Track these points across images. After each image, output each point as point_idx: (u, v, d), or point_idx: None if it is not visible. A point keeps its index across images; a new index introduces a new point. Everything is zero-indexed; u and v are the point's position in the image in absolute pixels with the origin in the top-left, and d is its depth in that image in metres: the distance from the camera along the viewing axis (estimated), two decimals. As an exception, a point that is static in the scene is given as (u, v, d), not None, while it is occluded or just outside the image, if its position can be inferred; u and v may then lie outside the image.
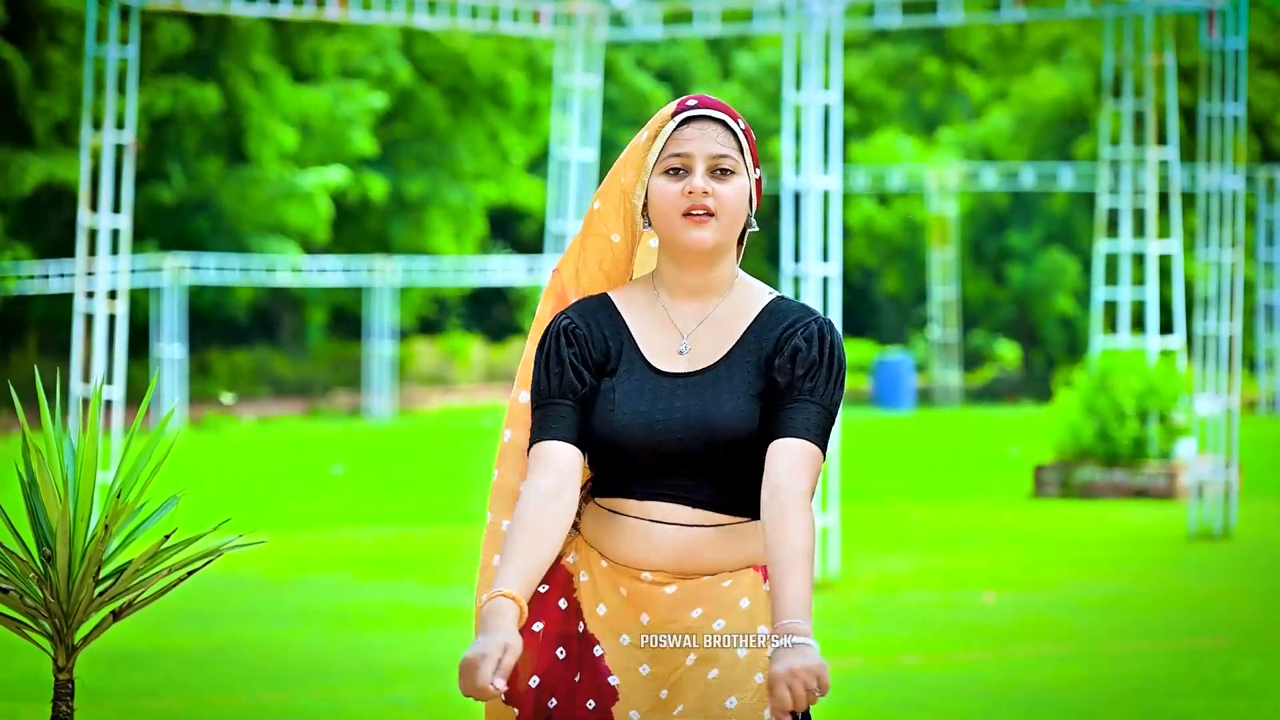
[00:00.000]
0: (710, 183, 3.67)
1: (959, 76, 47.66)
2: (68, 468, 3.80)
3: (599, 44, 17.18)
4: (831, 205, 13.47)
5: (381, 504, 19.00)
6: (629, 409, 3.67)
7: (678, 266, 3.72)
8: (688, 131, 3.69)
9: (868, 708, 8.62)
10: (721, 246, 3.70)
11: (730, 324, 3.72)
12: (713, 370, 3.69)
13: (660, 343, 3.73)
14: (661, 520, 3.67)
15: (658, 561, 3.67)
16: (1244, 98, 15.98)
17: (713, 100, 3.73)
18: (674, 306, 3.73)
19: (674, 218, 3.67)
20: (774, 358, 3.68)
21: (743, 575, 3.70)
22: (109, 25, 15.61)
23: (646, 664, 3.68)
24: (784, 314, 3.72)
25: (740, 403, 3.66)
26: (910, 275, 47.07)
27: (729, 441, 3.65)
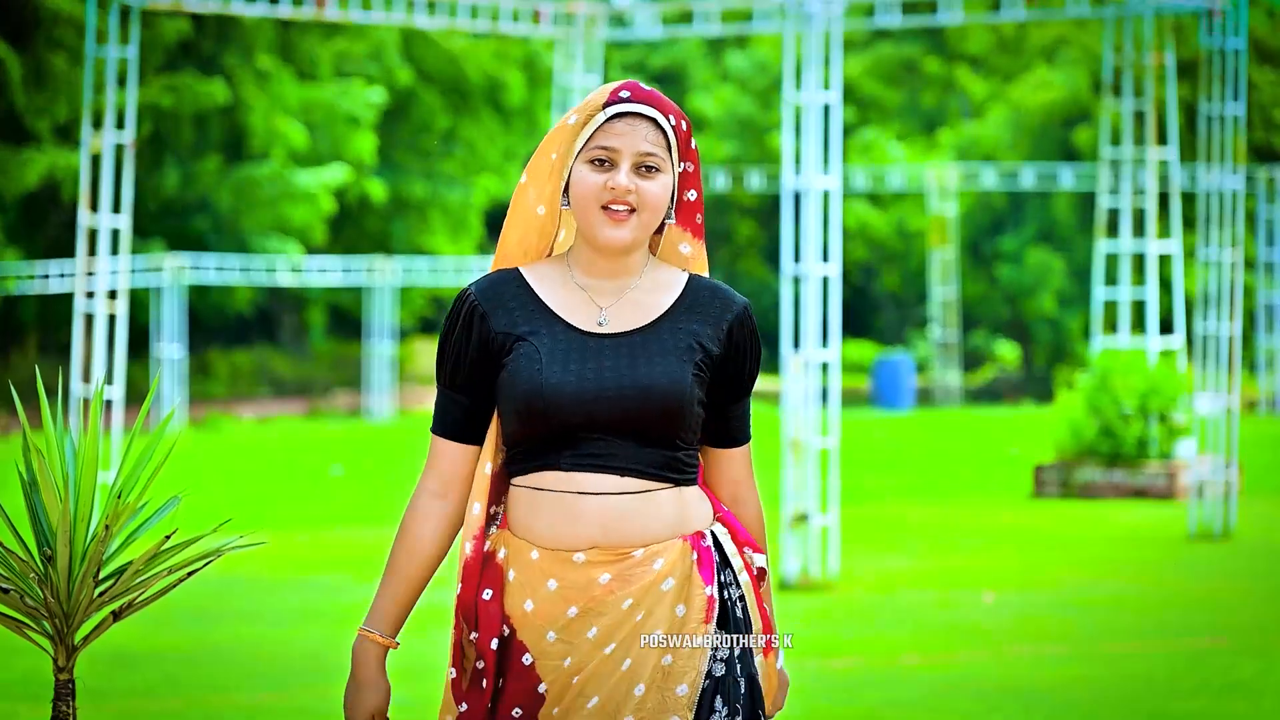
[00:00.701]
0: (634, 179, 3.67)
1: (959, 76, 47.66)
2: (68, 468, 3.80)
3: (599, 44, 17.18)
4: (831, 205, 13.47)
5: (381, 504, 19.00)
6: (558, 369, 3.64)
7: (592, 251, 3.72)
8: (618, 126, 3.68)
9: (868, 708, 8.62)
10: (637, 242, 3.71)
11: (651, 299, 3.74)
12: (641, 333, 3.69)
13: (579, 311, 3.72)
14: (586, 491, 3.64)
15: (586, 536, 3.64)
16: (1244, 97, 15.98)
17: (645, 92, 3.71)
18: (590, 285, 3.73)
19: (593, 210, 3.67)
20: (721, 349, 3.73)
21: (672, 548, 3.67)
22: (109, 25, 15.61)
23: (569, 656, 3.66)
24: (713, 293, 3.76)
25: (673, 364, 3.66)
26: (910, 275, 47.08)
27: (662, 403, 3.64)
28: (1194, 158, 27.92)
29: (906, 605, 12.11)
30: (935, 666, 9.89)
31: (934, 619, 11.49)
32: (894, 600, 12.34)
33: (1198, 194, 16.92)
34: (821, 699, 8.66)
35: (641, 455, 3.66)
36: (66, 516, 3.73)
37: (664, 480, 3.68)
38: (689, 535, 3.70)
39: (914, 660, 10.04)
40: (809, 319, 13.27)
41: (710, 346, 3.71)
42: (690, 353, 3.68)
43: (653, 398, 3.64)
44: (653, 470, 3.67)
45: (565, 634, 3.66)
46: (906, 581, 13.19)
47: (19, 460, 3.84)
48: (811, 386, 13.25)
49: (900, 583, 13.12)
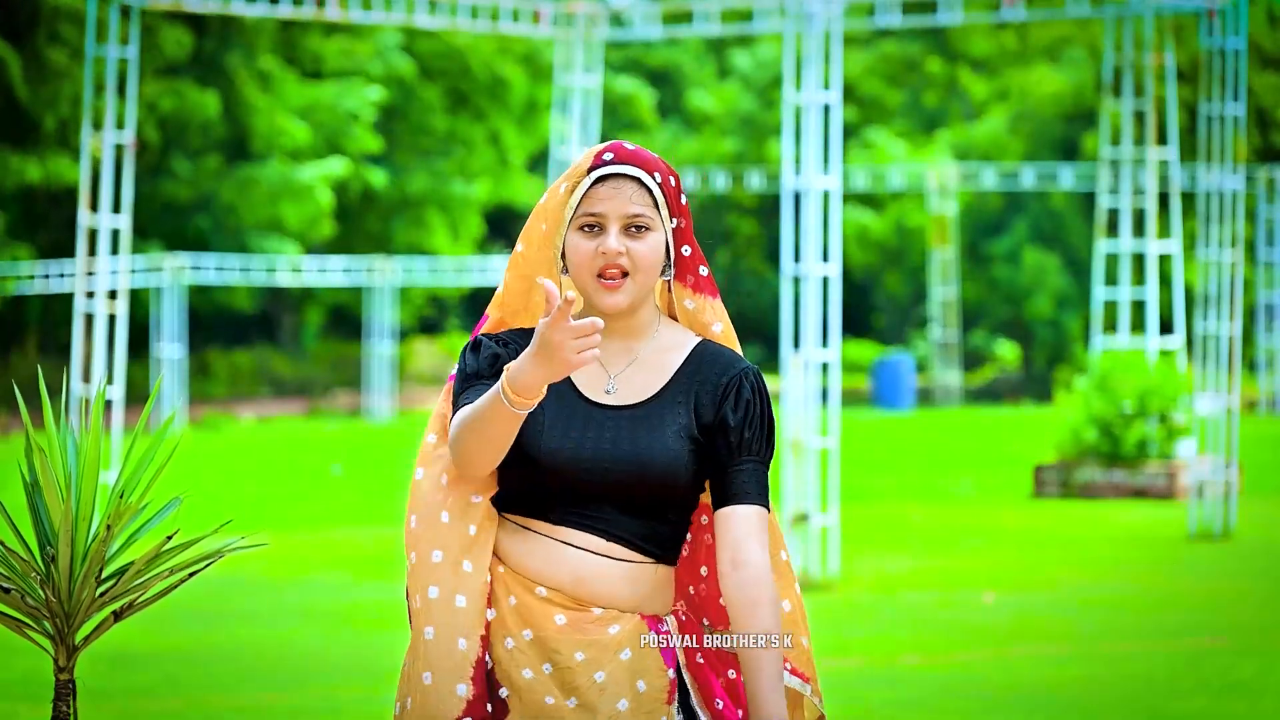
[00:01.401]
0: (625, 241, 3.67)
1: (960, 76, 47.66)
2: (70, 468, 3.80)
3: (599, 44, 17.18)
4: (831, 205, 13.47)
5: (381, 504, 19.00)
6: (558, 435, 3.66)
7: (600, 313, 3.72)
8: (602, 190, 3.68)
9: (868, 708, 8.62)
10: (636, 302, 3.71)
11: (659, 365, 3.73)
12: (645, 406, 3.70)
13: (588, 378, 3.73)
14: (569, 543, 3.67)
15: (555, 580, 3.67)
16: (1244, 97, 15.98)
17: (629, 152, 3.71)
18: (601, 347, 3.70)
19: (589, 278, 3.68)
20: (715, 413, 3.69)
21: (629, 621, 3.69)
22: (109, 25, 15.61)
23: (528, 669, 3.67)
24: (715, 359, 3.74)
25: (671, 442, 3.67)
26: (910, 276, 47.07)
27: (658, 479, 3.66)
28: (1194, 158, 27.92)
29: (906, 605, 12.12)
30: (935, 666, 9.89)
31: (934, 619, 11.50)
32: (894, 600, 12.34)
33: (1198, 194, 16.92)
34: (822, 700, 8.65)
35: (630, 525, 3.68)
36: (68, 516, 3.73)
37: (646, 554, 3.70)
38: (646, 615, 3.72)
39: (914, 660, 10.05)
40: (809, 319, 13.27)
41: (704, 415, 3.70)
42: (687, 428, 3.69)
43: (647, 472, 3.65)
44: (638, 541, 3.69)
45: (522, 648, 3.67)
46: (906, 581, 13.19)
47: (21, 460, 3.84)
48: (811, 386, 13.25)
49: (900, 583, 13.12)
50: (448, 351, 43.83)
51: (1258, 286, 36.23)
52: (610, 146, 3.73)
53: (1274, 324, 35.98)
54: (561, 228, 3.72)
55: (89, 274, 15.86)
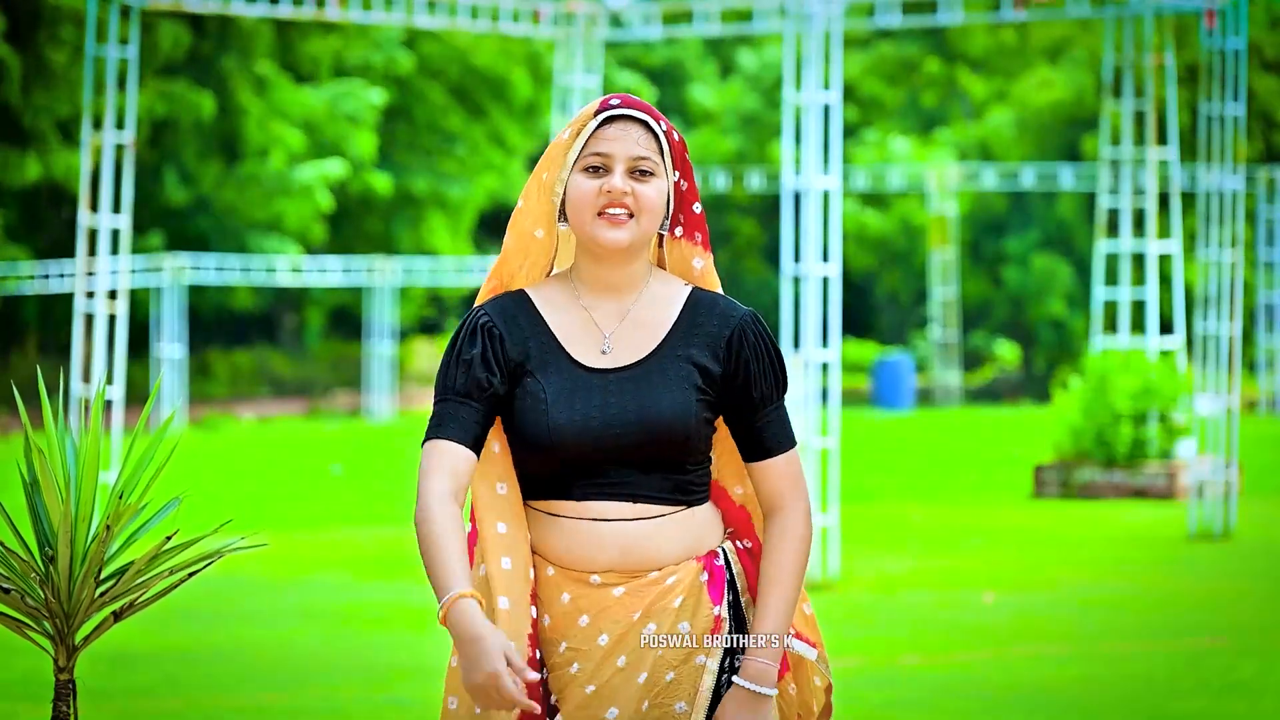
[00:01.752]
0: (630, 182, 3.67)
1: (959, 76, 47.66)
2: (70, 468, 3.80)
3: (599, 44, 17.18)
4: (831, 205, 13.47)
5: (381, 504, 19.00)
6: (563, 409, 3.65)
7: (594, 263, 3.72)
8: (609, 131, 3.69)
9: (868, 708, 8.62)
10: (636, 245, 3.70)
11: (653, 320, 3.73)
12: (644, 364, 3.69)
13: (583, 341, 3.71)
14: (602, 518, 3.66)
15: (605, 560, 3.67)
16: (1244, 97, 15.98)
17: (636, 100, 3.72)
18: (593, 305, 3.73)
19: (590, 216, 3.67)
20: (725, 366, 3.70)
21: (686, 569, 3.70)
22: (109, 25, 15.61)
23: (576, 662, 3.68)
24: (710, 309, 3.73)
25: (677, 395, 3.66)
26: (910, 275, 47.07)
27: (669, 435, 3.65)
28: (1194, 158, 27.92)
29: (906, 605, 12.11)
30: (935, 666, 9.89)
31: (934, 619, 11.49)
32: (894, 600, 12.34)
33: (1198, 194, 16.92)
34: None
35: (652, 482, 3.67)
36: (68, 517, 3.73)
37: (676, 504, 3.70)
38: (702, 556, 3.73)
39: (914, 660, 10.05)
40: (809, 319, 13.27)
41: (711, 367, 3.70)
42: (690, 376, 3.68)
43: (658, 430, 3.65)
44: (664, 495, 3.68)
45: (575, 642, 3.68)
46: (906, 581, 13.19)
47: (20, 460, 3.84)
48: (812, 387, 13.25)
49: (900, 583, 13.12)
50: (448, 351, 43.79)
51: (1258, 286, 36.23)
52: (617, 95, 3.74)
53: (1274, 324, 35.98)
54: (563, 172, 3.71)
55: (89, 274, 15.86)
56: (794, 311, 13.44)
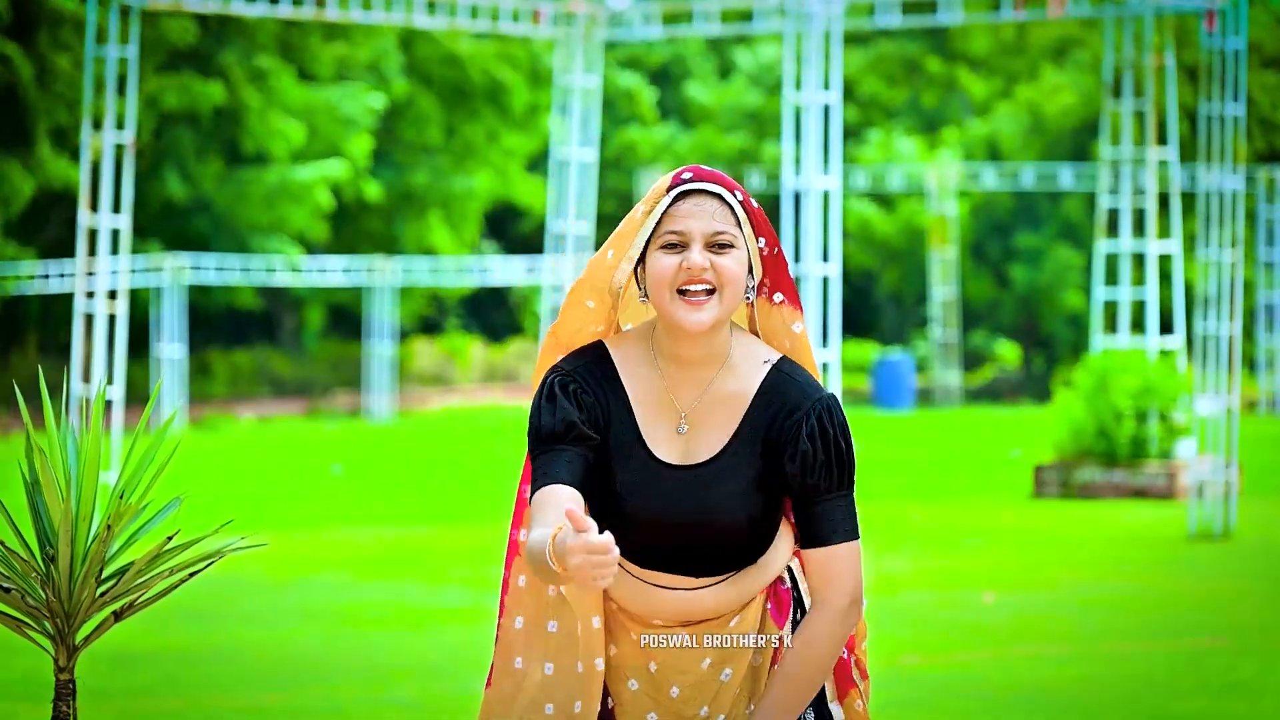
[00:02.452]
0: (709, 256, 3.62)
1: (960, 76, 47.65)
2: (70, 467, 3.80)
3: (598, 44, 17.18)
4: (831, 205, 13.47)
5: (381, 504, 19.00)
6: (632, 500, 3.65)
7: (674, 340, 3.68)
8: (684, 207, 3.64)
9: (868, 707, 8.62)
10: (720, 322, 3.66)
11: (729, 401, 3.68)
12: (714, 464, 3.66)
13: (659, 420, 3.69)
14: (662, 585, 3.68)
15: (664, 617, 3.70)
16: (1244, 98, 15.98)
17: (708, 172, 3.68)
18: (671, 375, 3.69)
19: (669, 294, 3.62)
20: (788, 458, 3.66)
21: (752, 607, 3.73)
22: (109, 25, 15.62)
23: (653, 712, 3.70)
24: (785, 396, 3.67)
25: (741, 498, 3.66)
26: (911, 276, 47.07)
27: (728, 534, 3.66)
28: (1194, 158, 27.92)
29: (906, 605, 12.11)
30: (935, 666, 9.89)
31: (934, 619, 11.49)
32: (894, 600, 12.34)
33: (1198, 194, 16.92)
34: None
35: (716, 562, 3.69)
36: (68, 516, 3.73)
37: (738, 569, 3.72)
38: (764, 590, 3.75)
39: (914, 660, 10.05)
40: (809, 319, 13.27)
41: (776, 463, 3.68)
42: (756, 480, 3.67)
43: (722, 527, 3.65)
44: (727, 569, 3.71)
45: (648, 688, 3.69)
46: (906, 581, 13.19)
47: (21, 460, 3.84)
48: (812, 386, 13.23)
49: (900, 583, 13.12)
50: (448, 351, 43.82)
51: (1258, 286, 36.23)
52: (688, 168, 3.69)
53: (1274, 324, 35.99)
54: (633, 250, 3.67)
55: (89, 274, 15.86)
56: (794, 311, 13.43)
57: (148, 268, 32.44)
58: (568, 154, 17.51)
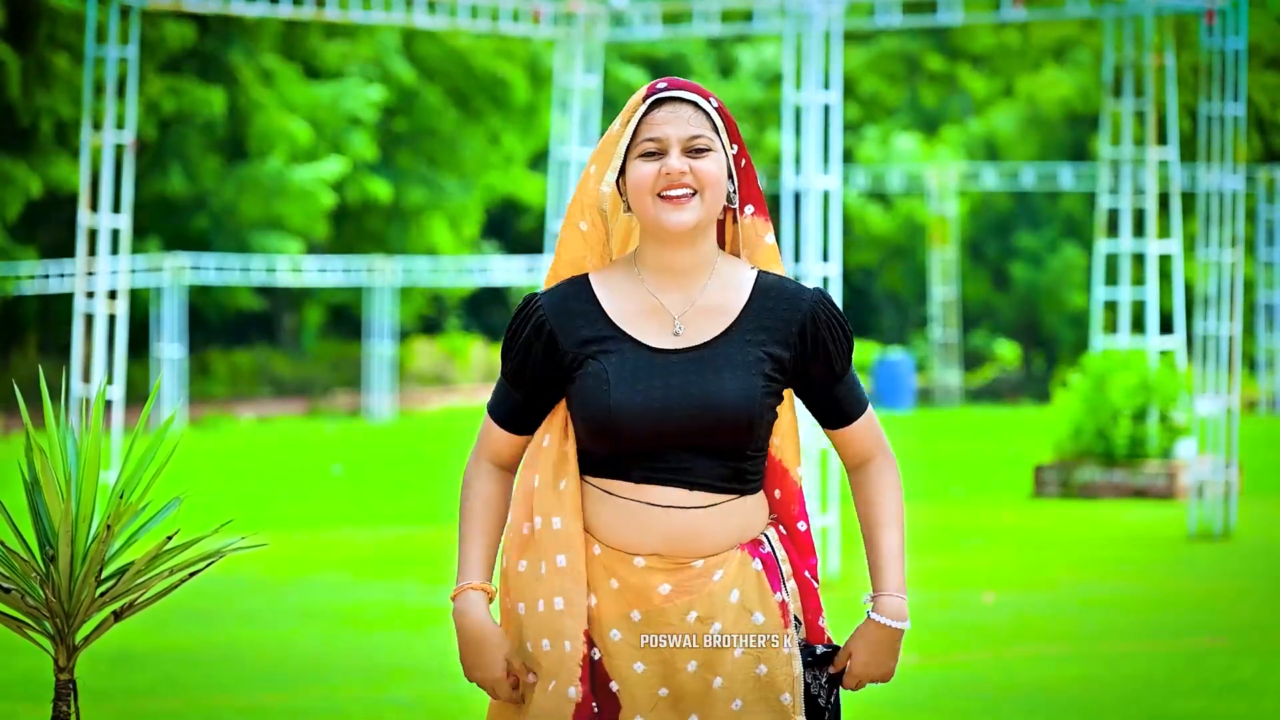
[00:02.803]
0: (687, 161, 3.65)
1: (961, 74, 47.65)
2: (70, 467, 3.80)
3: (599, 44, 17.18)
4: (831, 205, 13.47)
5: (381, 504, 19.00)
6: (625, 389, 3.62)
7: (659, 247, 3.69)
8: (659, 114, 3.67)
9: (868, 707, 8.62)
10: (702, 225, 3.67)
11: (723, 304, 3.70)
12: (712, 346, 3.66)
13: (649, 323, 3.69)
14: (655, 503, 3.64)
15: (650, 545, 3.65)
16: (1244, 98, 15.98)
17: (682, 81, 3.71)
18: (660, 291, 3.70)
19: (651, 199, 3.64)
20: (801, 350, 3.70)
21: (730, 560, 3.68)
22: (109, 25, 15.61)
23: (640, 662, 3.66)
24: (780, 294, 3.72)
25: (744, 380, 3.64)
26: (911, 275, 47.07)
27: (733, 420, 3.63)
28: (1194, 158, 27.92)
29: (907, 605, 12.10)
30: (935, 666, 9.89)
31: (934, 619, 11.49)
32: (894, 600, 12.32)
33: (1198, 194, 16.92)
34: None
35: (712, 468, 3.66)
36: (68, 516, 3.73)
37: (731, 492, 3.69)
38: (746, 544, 3.72)
39: (914, 660, 10.04)
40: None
41: (781, 354, 3.69)
42: (760, 364, 3.67)
43: (723, 413, 3.63)
44: (721, 483, 3.67)
45: (631, 637, 3.67)
46: (907, 582, 13.18)
47: (21, 460, 3.84)
48: (812, 386, 13.23)
49: (900, 583, 13.10)
50: (448, 351, 43.82)
51: (1258, 286, 36.24)
52: (663, 78, 3.73)
53: (1274, 324, 35.99)
54: (615, 161, 3.68)
55: (89, 274, 15.86)
56: (794, 311, 13.43)
57: (148, 267, 32.44)
58: (568, 153, 17.50)
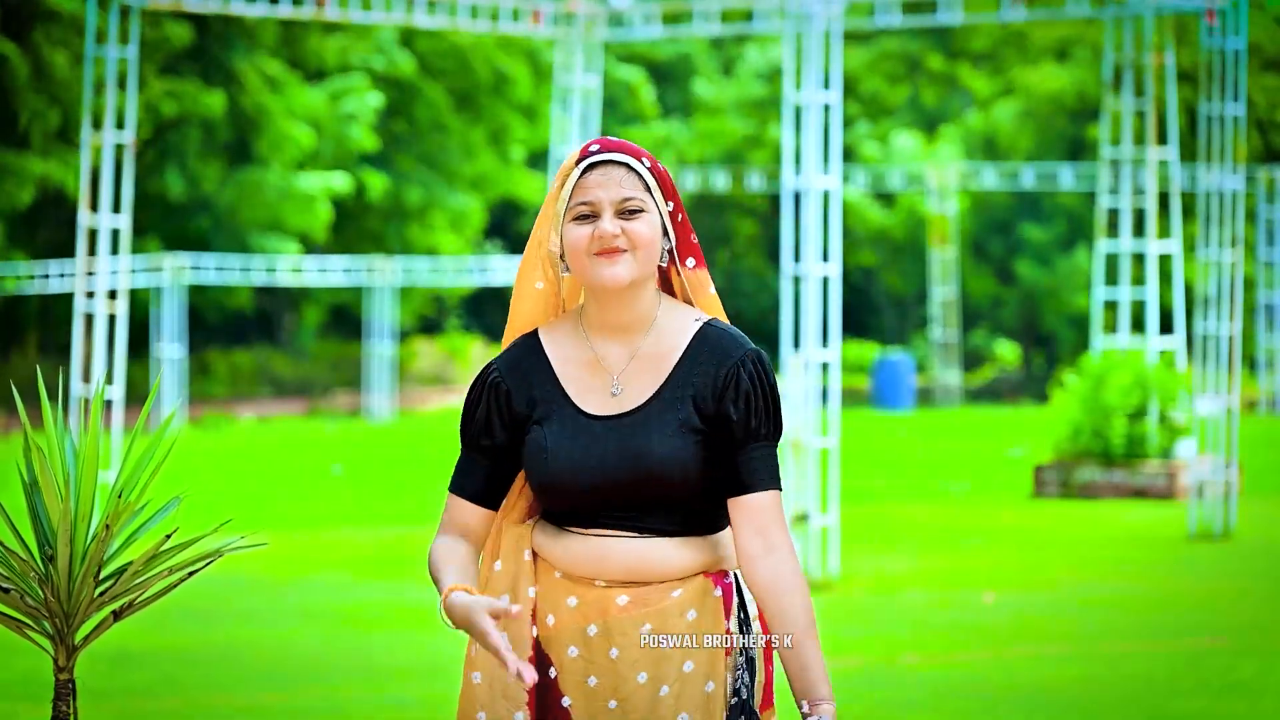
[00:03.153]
0: (619, 223, 3.71)
1: (961, 73, 47.65)
2: (69, 467, 3.80)
3: (599, 44, 17.18)
4: (831, 205, 13.47)
5: (381, 504, 19.00)
6: (562, 457, 3.70)
7: (600, 306, 3.76)
8: (592, 178, 3.73)
9: (868, 708, 8.62)
10: (639, 281, 3.74)
11: (659, 359, 3.75)
12: (642, 410, 3.72)
13: (591, 385, 3.76)
14: (609, 537, 3.72)
15: (610, 573, 3.72)
16: (1244, 98, 15.97)
17: (614, 142, 3.77)
18: (601, 346, 3.77)
19: (585, 259, 3.71)
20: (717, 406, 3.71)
21: (692, 582, 3.73)
22: (109, 25, 15.61)
23: (594, 676, 3.72)
24: (714, 348, 3.74)
25: (671, 441, 3.69)
26: (911, 275, 47.06)
27: (662, 480, 3.68)
28: (1194, 158, 27.91)
29: (906, 605, 12.11)
30: (935, 666, 9.89)
31: (934, 619, 11.49)
32: (894, 600, 12.34)
33: (1198, 194, 16.92)
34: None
35: (659, 517, 3.72)
36: (67, 516, 3.73)
37: (686, 533, 3.74)
38: (713, 573, 3.76)
39: (914, 660, 10.04)
40: (809, 319, 13.27)
41: (706, 408, 3.72)
42: (688, 420, 3.71)
43: (651, 473, 3.68)
44: (671, 528, 3.73)
45: (586, 651, 3.73)
46: (906, 581, 13.19)
47: (20, 460, 3.84)
48: (811, 386, 13.25)
49: (900, 583, 13.12)
50: (448, 351, 43.82)
51: (1258, 286, 36.24)
52: (596, 140, 3.79)
53: (1274, 324, 35.98)
54: (556, 223, 3.76)
55: (89, 274, 15.86)
56: (794, 311, 13.44)
57: (148, 268, 32.44)
58: (568, 152, 17.52)
